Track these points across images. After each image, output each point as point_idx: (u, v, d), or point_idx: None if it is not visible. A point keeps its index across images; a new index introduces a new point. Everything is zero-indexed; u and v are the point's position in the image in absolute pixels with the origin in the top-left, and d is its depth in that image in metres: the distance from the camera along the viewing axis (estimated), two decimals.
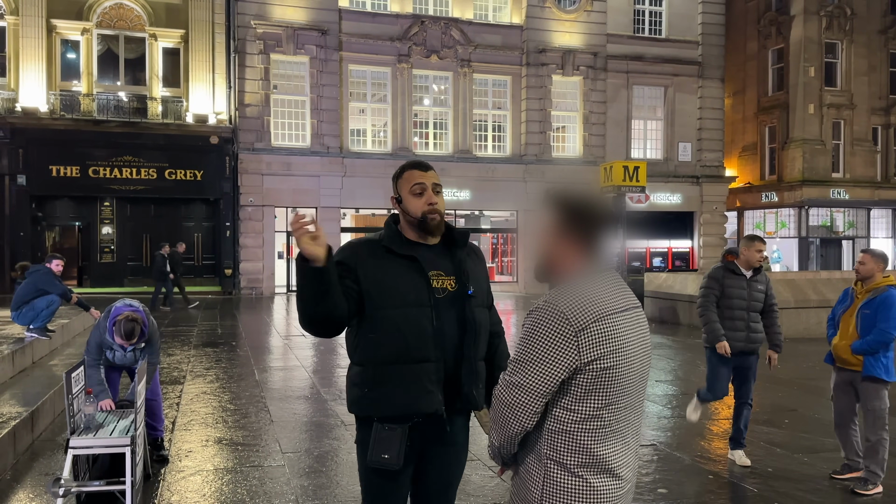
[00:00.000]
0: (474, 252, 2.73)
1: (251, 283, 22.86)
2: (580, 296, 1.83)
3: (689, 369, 10.00)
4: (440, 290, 2.52)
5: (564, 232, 1.95)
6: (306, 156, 23.18)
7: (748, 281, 5.43)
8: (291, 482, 5.03)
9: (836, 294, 13.35)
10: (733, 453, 5.55)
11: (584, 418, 1.83)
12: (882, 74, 30.31)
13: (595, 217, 1.94)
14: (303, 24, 23.03)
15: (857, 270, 5.21)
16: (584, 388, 1.81)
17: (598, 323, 1.81)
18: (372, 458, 2.46)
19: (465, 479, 5.07)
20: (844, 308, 5.26)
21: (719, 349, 5.36)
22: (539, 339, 1.82)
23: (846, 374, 5.18)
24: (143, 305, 5.33)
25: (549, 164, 25.33)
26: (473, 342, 2.54)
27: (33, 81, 21.00)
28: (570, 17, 25.83)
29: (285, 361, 10.23)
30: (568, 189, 2.04)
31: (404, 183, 2.59)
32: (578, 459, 1.84)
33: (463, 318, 2.53)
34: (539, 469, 1.89)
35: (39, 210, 22.05)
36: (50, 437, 6.18)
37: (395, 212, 2.69)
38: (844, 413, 5.24)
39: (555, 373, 1.80)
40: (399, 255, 2.52)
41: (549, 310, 1.82)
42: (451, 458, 2.64)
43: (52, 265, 9.02)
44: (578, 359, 1.79)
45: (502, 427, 1.90)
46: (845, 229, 30.24)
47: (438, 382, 2.48)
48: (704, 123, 27.73)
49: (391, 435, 2.44)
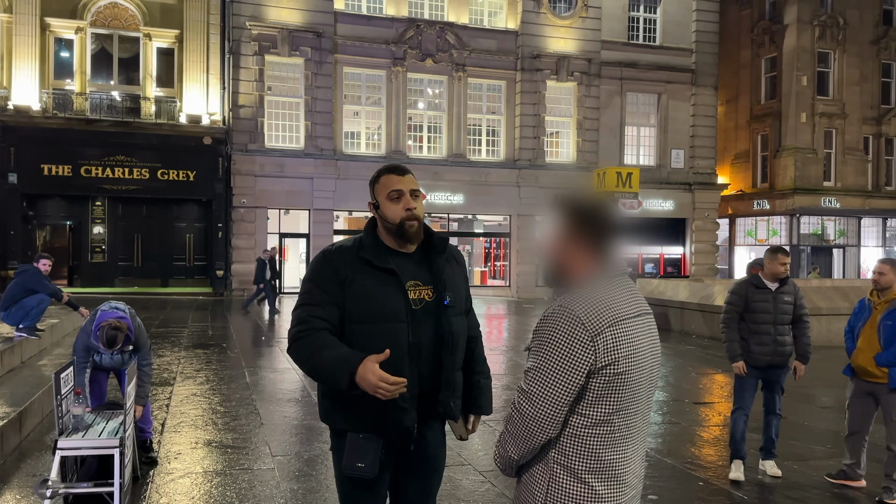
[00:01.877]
0: (454, 257, 2.66)
1: (243, 284, 22.77)
2: (595, 300, 1.82)
3: (680, 375, 10.02)
4: (417, 302, 2.47)
5: (575, 237, 1.93)
6: (300, 158, 23.15)
7: (774, 293, 5.34)
8: (281, 485, 5.00)
9: (827, 303, 13.44)
10: (764, 463, 5.52)
11: (594, 423, 1.82)
12: (874, 84, 30.53)
13: (607, 221, 1.94)
14: (298, 26, 23.01)
15: (876, 281, 5.10)
16: (596, 393, 1.81)
17: (613, 328, 1.80)
18: (346, 466, 2.41)
19: (455, 485, 5.06)
20: (864, 320, 5.18)
21: (735, 369, 5.35)
22: (556, 345, 1.80)
23: (867, 385, 5.13)
24: (130, 308, 5.29)
25: (542, 169, 25.38)
26: (451, 353, 2.49)
27: (26, 79, 20.90)
28: (565, 23, 25.92)
29: (276, 364, 10.19)
30: (577, 194, 2.03)
31: (381, 188, 2.53)
32: (587, 464, 1.83)
33: (440, 329, 2.48)
34: (544, 474, 1.87)
35: (30, 209, 21.93)
36: (38, 437, 6.13)
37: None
38: (861, 423, 5.20)
39: (574, 378, 1.79)
40: (378, 267, 2.45)
41: (565, 314, 1.81)
42: (428, 466, 2.59)
43: (39, 264, 8.96)
44: (594, 363, 1.78)
45: (524, 439, 1.86)
46: (836, 238, 30.40)
47: (412, 399, 2.42)
48: (697, 131, 27.85)
49: (366, 444, 2.40)
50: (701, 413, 7.76)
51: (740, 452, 5.42)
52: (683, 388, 9.23)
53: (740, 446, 5.41)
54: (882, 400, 5.08)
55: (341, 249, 2.51)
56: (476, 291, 24.82)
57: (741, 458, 5.42)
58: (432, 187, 24.34)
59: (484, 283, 26.36)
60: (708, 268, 27.69)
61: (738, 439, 5.41)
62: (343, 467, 2.43)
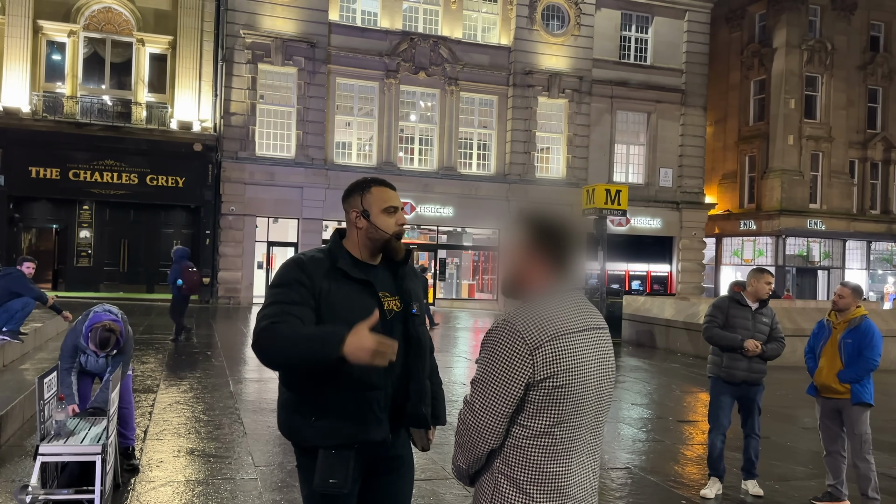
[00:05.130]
0: (413, 270, 2.69)
1: (229, 292, 22.67)
2: (537, 315, 1.86)
3: (665, 393, 10.06)
4: (388, 313, 2.47)
5: (532, 250, 1.98)
6: (290, 167, 23.13)
7: (753, 312, 5.45)
8: (263, 496, 4.98)
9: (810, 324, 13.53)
10: (746, 483, 5.57)
11: (536, 434, 1.85)
12: (860, 109, 30.95)
13: (562, 237, 1.97)
14: (292, 36, 23.07)
15: (835, 303, 5.34)
16: (536, 405, 1.84)
17: (554, 342, 1.83)
18: (319, 484, 2.34)
19: (438, 498, 5.06)
20: (824, 339, 5.36)
21: (749, 346, 5.29)
22: (497, 358, 1.85)
23: (832, 402, 5.30)
24: (123, 314, 5.27)
25: (532, 184, 25.50)
26: (419, 361, 2.51)
27: (16, 81, 20.81)
28: (558, 40, 26.14)
29: (260, 373, 10.14)
30: (540, 209, 2.07)
31: (375, 200, 2.51)
32: (528, 475, 1.85)
33: (408, 338, 2.49)
34: (490, 483, 1.91)
35: (17, 211, 21.77)
36: (18, 442, 6.07)
37: (341, 227, 2.63)
38: (834, 441, 5.35)
39: (513, 390, 1.83)
40: (354, 279, 2.43)
41: (506, 329, 1.86)
42: (398, 474, 2.58)
43: (23, 268, 8.89)
44: (533, 375, 1.81)
45: (469, 449, 1.91)
46: (821, 259, 30.69)
47: (386, 409, 2.42)
48: (686, 150, 28.09)
49: (338, 459, 2.35)
50: (684, 431, 7.79)
51: (718, 470, 5.49)
52: (668, 405, 9.26)
53: (717, 464, 5.48)
54: (844, 414, 5.23)
55: (314, 260, 2.46)
56: (463, 304, 24.86)
57: (718, 475, 5.49)
58: (422, 199, 24.38)
59: (472, 297, 26.37)
60: (694, 286, 27.85)
61: (715, 458, 5.49)
62: (315, 485, 2.35)
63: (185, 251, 13.76)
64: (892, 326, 13.57)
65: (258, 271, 23.44)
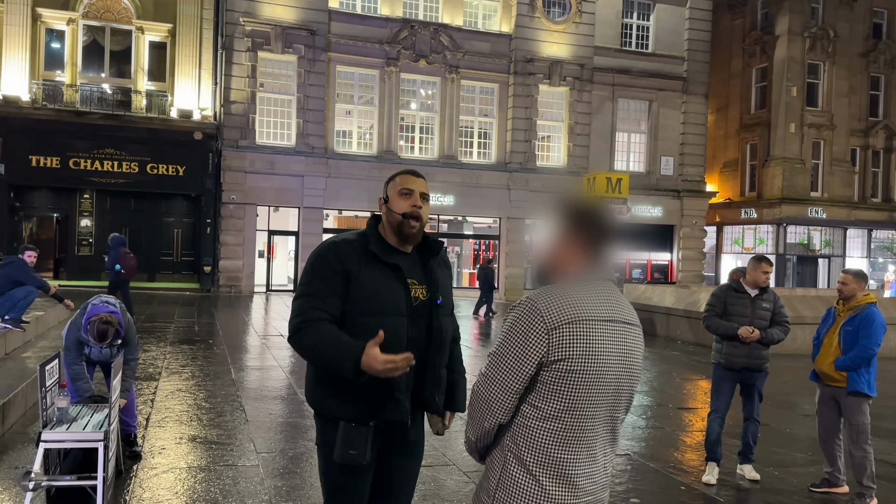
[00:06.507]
0: (444, 261, 2.79)
1: (230, 281, 22.70)
2: (560, 297, 1.87)
3: (665, 381, 10.09)
4: (414, 300, 2.58)
5: (567, 238, 1.99)
6: (290, 155, 23.09)
7: (752, 299, 5.47)
8: (265, 482, 5.01)
9: (811, 311, 13.56)
10: (742, 467, 5.61)
11: (545, 417, 1.85)
12: (862, 97, 30.83)
13: (598, 225, 1.99)
14: (292, 24, 22.97)
15: (840, 291, 5.30)
16: (548, 387, 1.84)
17: (572, 325, 1.83)
18: (339, 455, 2.48)
19: (439, 484, 5.09)
20: (828, 327, 5.37)
21: (743, 333, 5.31)
22: (514, 334, 1.87)
23: (830, 389, 5.31)
24: (121, 304, 5.28)
25: (533, 172, 25.46)
26: (438, 351, 2.62)
27: (16, 70, 20.74)
28: (559, 28, 26.02)
29: (262, 361, 10.18)
30: (577, 197, 2.12)
31: (395, 185, 2.65)
32: (536, 458, 1.86)
33: (430, 327, 2.59)
34: (500, 460, 1.93)
35: (17, 200, 21.75)
36: (20, 429, 6.10)
37: (378, 213, 2.74)
38: (829, 428, 5.37)
39: (525, 367, 1.84)
40: (384, 262, 2.56)
41: (527, 306, 1.87)
42: (410, 455, 2.71)
43: (25, 256, 8.91)
44: (547, 355, 1.82)
45: (478, 421, 1.94)
46: (822, 248, 30.67)
47: (407, 391, 2.54)
48: (687, 138, 28.01)
49: (358, 431, 2.49)
50: (684, 418, 7.83)
51: (715, 455, 5.52)
52: (668, 393, 9.30)
53: (714, 448, 5.51)
54: (841, 402, 5.24)
55: (346, 242, 2.59)
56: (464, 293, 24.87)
57: (715, 460, 5.52)
58: None
59: (472, 285, 26.40)
60: (694, 274, 27.86)
61: (712, 441, 5.52)
62: (336, 456, 2.49)
63: (121, 238, 14.24)
64: (892, 314, 13.59)
65: (259, 260, 23.46)
